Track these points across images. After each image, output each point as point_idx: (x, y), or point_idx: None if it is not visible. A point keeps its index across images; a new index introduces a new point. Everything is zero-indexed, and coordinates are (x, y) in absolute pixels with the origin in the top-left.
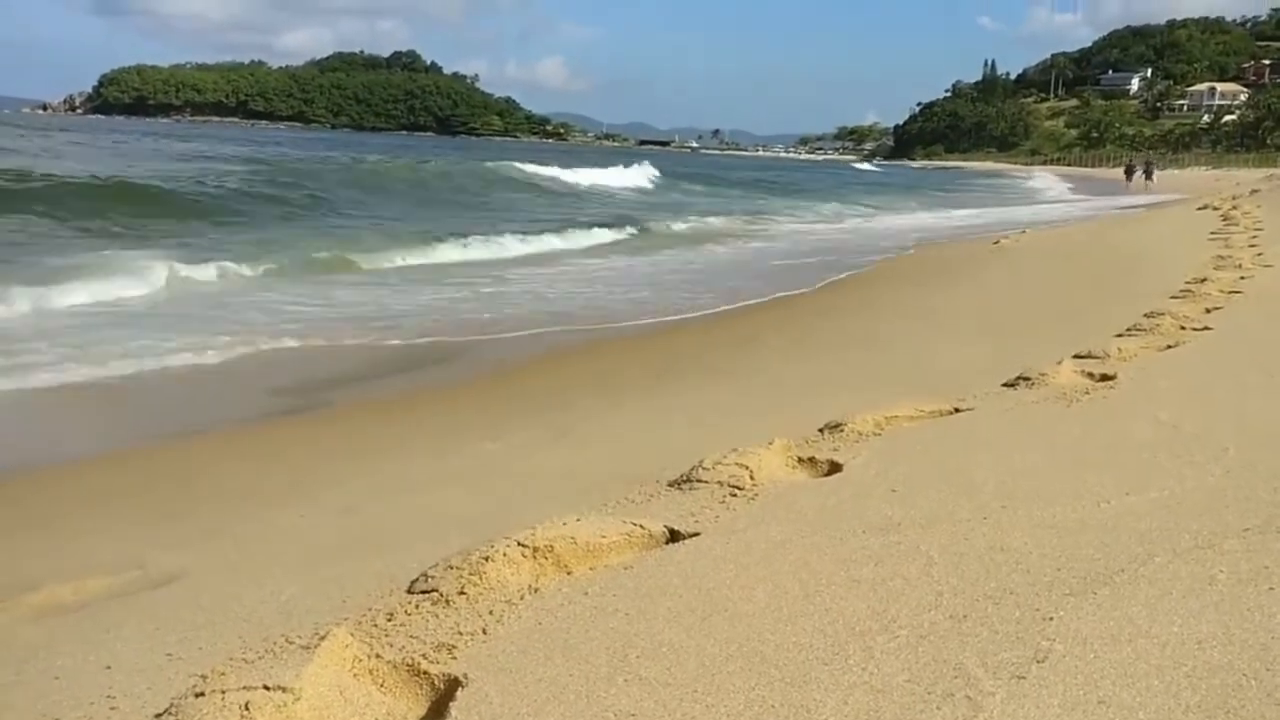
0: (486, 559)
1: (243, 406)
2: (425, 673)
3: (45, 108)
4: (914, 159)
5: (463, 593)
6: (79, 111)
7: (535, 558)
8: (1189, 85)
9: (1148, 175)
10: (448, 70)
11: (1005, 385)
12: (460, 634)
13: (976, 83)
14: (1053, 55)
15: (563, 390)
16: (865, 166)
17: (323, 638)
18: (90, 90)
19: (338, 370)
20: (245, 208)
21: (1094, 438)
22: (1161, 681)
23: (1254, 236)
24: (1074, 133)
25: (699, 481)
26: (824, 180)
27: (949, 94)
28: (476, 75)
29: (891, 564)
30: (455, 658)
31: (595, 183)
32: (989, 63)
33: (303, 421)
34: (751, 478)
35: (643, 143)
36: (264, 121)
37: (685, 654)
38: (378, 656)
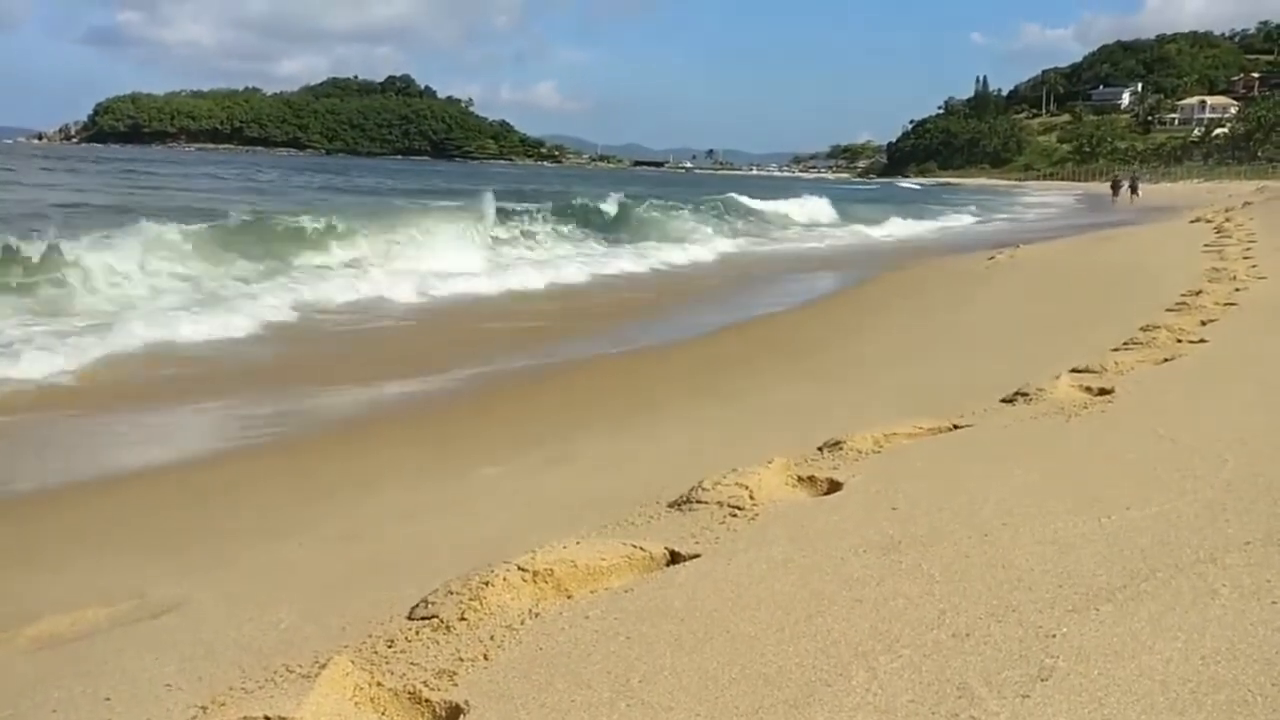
0: (486, 584)
1: None
2: (426, 700)
3: (40, 137)
4: (908, 176)
5: (463, 618)
6: (74, 140)
7: (535, 582)
8: (1179, 99)
9: (1133, 190)
10: (442, 94)
11: (1003, 401)
12: (461, 660)
13: (969, 99)
14: (1044, 71)
15: (561, 413)
16: (909, 185)
17: (323, 666)
18: (85, 119)
19: None
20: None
21: (1093, 452)
22: (1166, 698)
23: (1247, 248)
24: (1066, 147)
25: (699, 502)
26: (897, 195)
27: (941, 111)
28: (470, 99)
29: (893, 583)
30: (456, 684)
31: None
32: (981, 79)
33: (301, 448)
34: (751, 497)
35: (637, 164)
36: (260, 147)
37: (687, 677)
38: (379, 684)
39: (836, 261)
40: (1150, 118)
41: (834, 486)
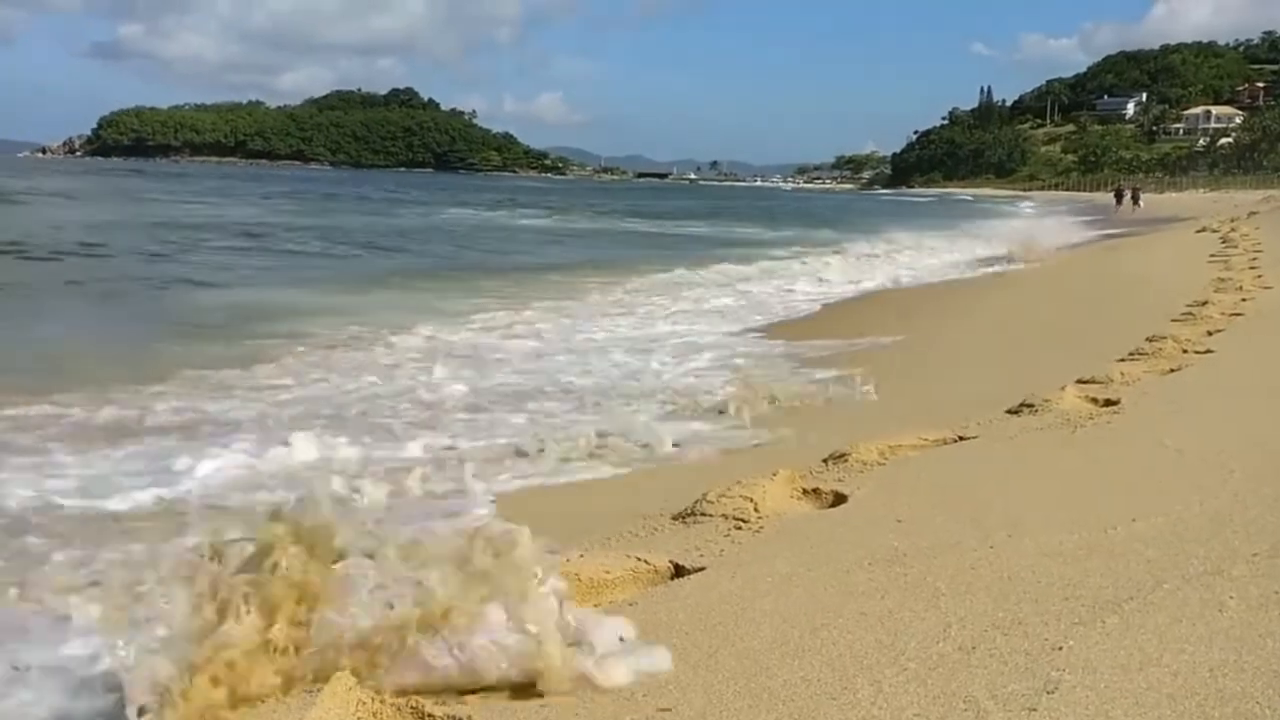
0: None
1: None
2: (432, 716)
3: (44, 151)
4: (913, 186)
5: None
6: (78, 154)
7: None
8: (1184, 109)
9: (1135, 200)
10: (445, 107)
11: (1009, 412)
12: None
13: (973, 110)
14: (1048, 81)
15: None
16: (964, 196)
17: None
18: (89, 133)
19: None
20: None
21: (1098, 463)
22: (1174, 710)
23: (1253, 259)
24: (1071, 158)
25: (703, 515)
26: (974, 204)
27: (946, 121)
28: (474, 111)
29: (898, 595)
30: (464, 702)
31: None
32: (985, 90)
33: None
34: (756, 510)
35: (641, 175)
36: (264, 160)
37: (692, 691)
38: (382, 700)
39: None
40: (1155, 127)
41: (839, 499)
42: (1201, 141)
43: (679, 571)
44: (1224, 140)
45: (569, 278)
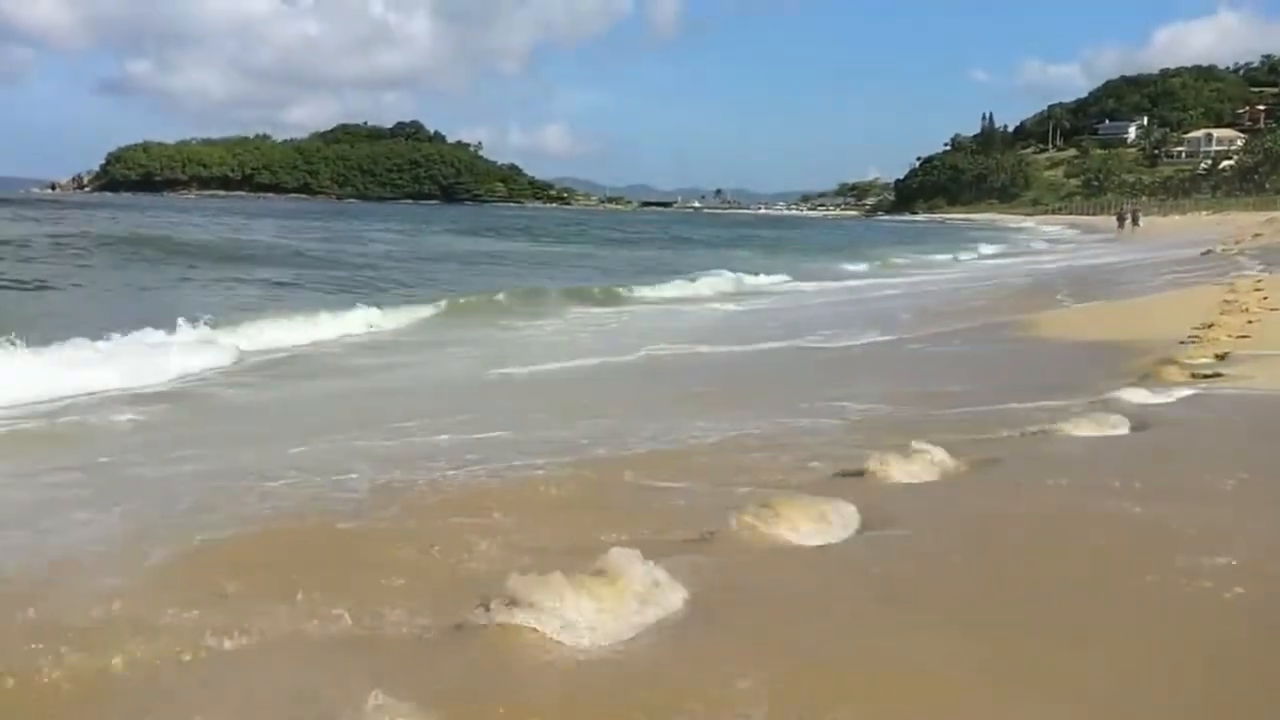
0: None
1: None
2: None
3: (54, 187)
4: (917, 212)
5: None
6: (87, 190)
7: None
8: (1185, 132)
9: (1135, 222)
10: (451, 139)
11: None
12: None
13: (975, 135)
14: (1050, 106)
15: None
16: (1026, 221)
17: None
18: (97, 168)
19: None
20: None
21: None
22: None
23: (1259, 281)
24: (1074, 182)
25: None
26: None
27: (948, 148)
28: (479, 143)
29: None
30: None
31: None
32: (986, 115)
33: None
34: None
35: (645, 204)
36: (271, 194)
37: None
38: None
39: None
40: (1157, 151)
41: None
42: (1203, 164)
43: None
44: (1226, 163)
45: None
